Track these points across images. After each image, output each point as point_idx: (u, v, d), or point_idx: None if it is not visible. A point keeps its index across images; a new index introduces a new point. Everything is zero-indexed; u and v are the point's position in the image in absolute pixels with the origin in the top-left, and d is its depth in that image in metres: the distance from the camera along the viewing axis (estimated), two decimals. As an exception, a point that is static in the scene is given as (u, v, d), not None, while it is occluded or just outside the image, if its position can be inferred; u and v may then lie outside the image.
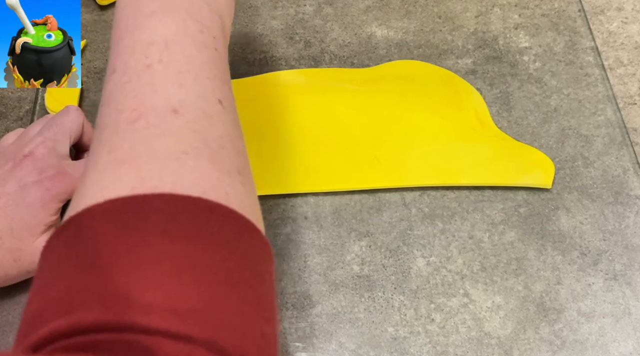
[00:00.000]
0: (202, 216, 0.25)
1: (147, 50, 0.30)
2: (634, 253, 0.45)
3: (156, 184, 0.25)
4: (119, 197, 0.25)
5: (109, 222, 0.25)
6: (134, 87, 0.29)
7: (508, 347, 0.42)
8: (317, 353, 0.42)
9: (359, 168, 0.48)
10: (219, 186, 0.27)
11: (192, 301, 0.23)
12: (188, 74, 0.30)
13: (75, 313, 0.23)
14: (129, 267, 0.23)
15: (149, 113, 0.28)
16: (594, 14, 0.57)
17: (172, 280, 0.23)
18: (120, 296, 0.23)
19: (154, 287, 0.23)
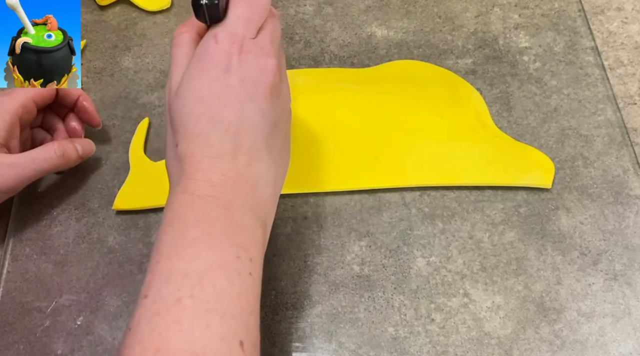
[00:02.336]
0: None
1: (180, 282, 0.31)
2: (634, 253, 0.45)
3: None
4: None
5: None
6: (161, 322, 0.30)
7: (508, 347, 0.42)
8: (317, 353, 0.42)
9: (359, 168, 0.48)
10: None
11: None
12: (215, 312, 0.31)
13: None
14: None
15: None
16: (594, 14, 0.57)
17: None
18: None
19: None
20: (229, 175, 0.34)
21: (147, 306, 0.31)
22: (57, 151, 0.46)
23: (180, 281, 0.31)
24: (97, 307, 0.45)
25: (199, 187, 0.34)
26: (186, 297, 0.30)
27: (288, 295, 0.44)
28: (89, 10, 0.59)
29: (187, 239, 0.32)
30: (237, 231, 0.34)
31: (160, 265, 0.32)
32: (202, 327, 0.30)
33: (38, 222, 0.48)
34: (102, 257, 0.47)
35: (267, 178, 0.36)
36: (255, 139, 0.36)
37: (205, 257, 0.32)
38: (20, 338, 0.44)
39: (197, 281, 0.31)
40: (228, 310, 0.31)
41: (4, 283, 0.46)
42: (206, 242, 0.32)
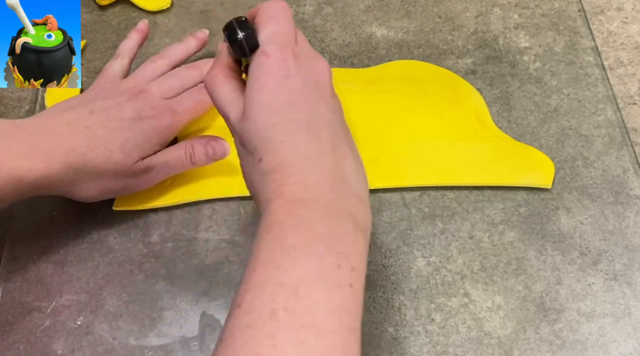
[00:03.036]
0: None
1: (276, 293, 0.29)
2: (634, 253, 0.45)
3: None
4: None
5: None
6: (253, 336, 0.29)
7: (508, 347, 0.42)
8: (317, 353, 0.42)
9: (359, 168, 0.48)
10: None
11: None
12: (311, 328, 0.29)
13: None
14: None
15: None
16: (594, 14, 0.57)
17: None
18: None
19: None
20: (323, 175, 0.33)
21: (240, 317, 0.30)
22: (186, 153, 0.46)
23: (275, 291, 0.30)
24: (97, 307, 0.45)
25: (294, 191, 0.32)
26: (280, 309, 0.29)
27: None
28: (89, 10, 0.59)
29: (284, 247, 0.31)
30: (337, 237, 0.32)
31: (255, 274, 0.30)
32: (296, 345, 0.28)
33: (38, 222, 0.48)
34: (102, 257, 0.47)
35: (357, 174, 0.35)
36: (335, 136, 0.35)
37: (303, 266, 0.30)
38: (20, 338, 0.44)
39: (293, 292, 0.29)
40: (324, 326, 0.29)
41: (4, 283, 0.46)
42: (304, 249, 0.31)
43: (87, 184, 0.43)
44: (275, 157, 0.34)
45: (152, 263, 0.46)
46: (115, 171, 0.43)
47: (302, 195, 0.32)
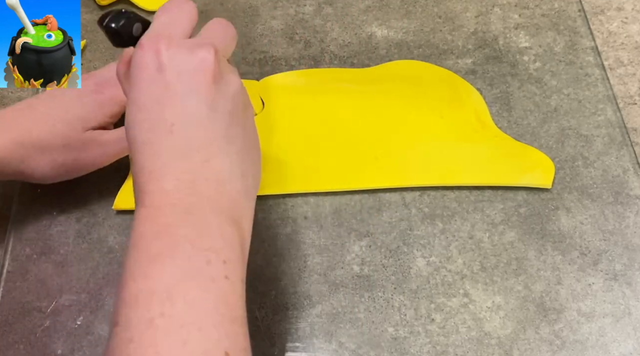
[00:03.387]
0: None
1: (149, 302, 0.29)
2: (634, 253, 0.45)
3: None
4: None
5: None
6: (135, 349, 0.28)
7: (508, 347, 0.42)
8: (317, 353, 0.42)
9: (359, 168, 0.48)
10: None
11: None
12: (192, 326, 0.29)
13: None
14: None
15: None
16: (594, 14, 0.57)
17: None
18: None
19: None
20: (183, 178, 0.32)
21: (119, 335, 0.29)
22: None
23: (148, 301, 0.29)
24: (97, 307, 0.45)
25: (154, 199, 0.32)
26: (157, 317, 0.28)
27: (288, 295, 0.44)
28: (89, 10, 0.59)
29: (149, 255, 0.30)
30: (202, 234, 0.31)
31: (126, 289, 0.30)
32: (180, 344, 0.28)
33: (38, 222, 0.48)
34: (102, 256, 0.47)
35: (231, 172, 0.34)
36: (207, 134, 0.33)
37: (171, 270, 0.30)
38: (20, 338, 0.44)
39: (166, 297, 0.29)
40: (206, 321, 0.29)
41: (4, 283, 0.46)
42: (169, 253, 0.30)
43: (37, 159, 0.44)
44: (139, 160, 0.33)
45: (152, 263, 0.46)
46: (62, 143, 0.44)
47: (160, 201, 0.32)
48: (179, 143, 0.33)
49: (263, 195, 0.48)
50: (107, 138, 0.46)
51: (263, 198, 0.48)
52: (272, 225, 0.47)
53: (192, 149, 0.33)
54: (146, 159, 0.33)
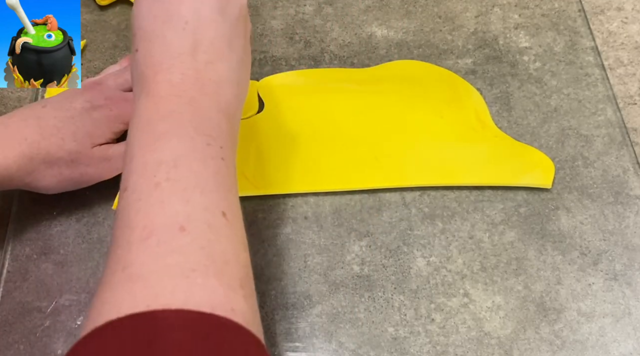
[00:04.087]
0: (215, 332, 0.27)
1: (156, 169, 0.32)
2: (634, 253, 0.45)
3: (169, 301, 0.27)
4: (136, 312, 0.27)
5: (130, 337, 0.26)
6: (144, 205, 0.31)
7: (508, 347, 0.42)
8: (317, 353, 0.42)
9: (359, 168, 0.48)
10: (226, 302, 0.29)
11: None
12: (194, 189, 0.31)
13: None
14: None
15: (158, 231, 0.30)
16: (594, 14, 0.57)
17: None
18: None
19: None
20: (189, 74, 0.34)
21: (128, 198, 0.31)
22: None
23: (156, 169, 0.31)
24: (97, 307, 0.45)
25: (160, 89, 0.34)
26: (163, 181, 0.31)
27: (288, 295, 0.44)
28: (89, 10, 0.59)
29: (156, 134, 0.33)
30: (203, 123, 0.34)
31: (133, 161, 0.32)
32: (183, 203, 0.31)
33: (38, 222, 0.48)
34: (102, 257, 0.47)
35: (229, 77, 0.36)
36: (215, 37, 0.36)
37: (176, 145, 0.32)
38: (20, 338, 0.44)
39: (172, 165, 0.31)
40: (206, 186, 0.32)
41: (4, 283, 0.46)
42: (175, 132, 0.33)
43: (44, 173, 0.44)
44: (146, 49, 0.35)
45: (152, 263, 0.46)
46: (70, 158, 0.44)
47: (166, 92, 0.34)
48: (190, 40, 0.35)
49: (263, 195, 0.48)
50: (113, 152, 0.46)
51: (263, 198, 0.48)
52: (272, 225, 0.47)
53: (199, 49, 0.35)
54: (157, 50, 0.35)
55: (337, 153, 0.49)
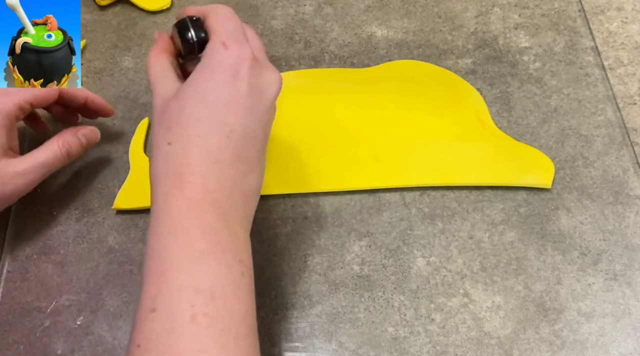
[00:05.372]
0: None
1: (193, 298, 0.30)
2: (634, 253, 0.45)
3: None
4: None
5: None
6: (177, 341, 0.29)
7: (508, 347, 0.42)
8: (317, 353, 0.42)
9: (359, 168, 0.48)
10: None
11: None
12: (229, 332, 0.30)
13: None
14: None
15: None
16: (594, 14, 0.57)
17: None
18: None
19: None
20: (226, 184, 0.34)
21: (158, 322, 0.30)
22: (61, 149, 0.46)
23: (193, 297, 0.30)
24: (97, 307, 0.45)
25: (195, 192, 0.33)
26: (200, 315, 0.30)
27: (288, 295, 0.44)
28: (89, 10, 0.59)
29: (195, 252, 0.32)
30: (238, 246, 0.33)
31: (167, 278, 0.31)
32: (219, 348, 0.30)
33: (38, 222, 0.48)
34: (102, 257, 0.47)
35: (257, 189, 0.37)
36: (253, 150, 0.35)
37: (215, 273, 0.31)
38: (20, 338, 0.44)
39: (210, 298, 0.30)
40: (240, 330, 0.31)
41: (4, 283, 0.46)
42: (213, 256, 0.32)
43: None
44: (185, 148, 0.34)
45: (152, 263, 0.46)
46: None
47: (201, 197, 0.33)
48: (232, 150, 0.34)
49: (263, 195, 0.48)
50: (25, 167, 0.44)
51: (263, 198, 0.48)
52: (272, 225, 0.47)
53: (239, 159, 0.35)
54: (196, 152, 0.34)
55: (337, 153, 0.49)
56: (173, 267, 0.31)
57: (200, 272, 0.31)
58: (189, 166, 0.33)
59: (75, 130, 0.47)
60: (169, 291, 0.31)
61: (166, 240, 0.32)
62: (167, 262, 0.31)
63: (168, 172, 0.34)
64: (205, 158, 0.34)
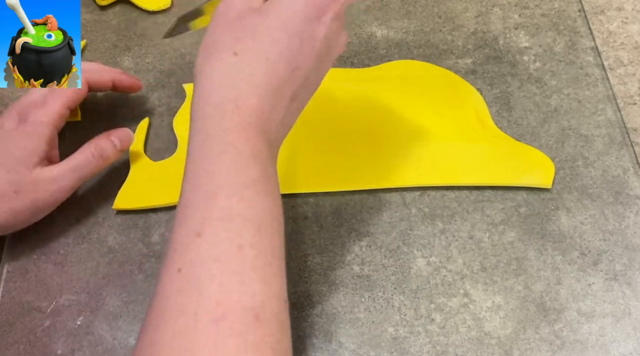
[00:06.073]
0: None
1: (242, 227, 0.29)
2: (634, 253, 0.45)
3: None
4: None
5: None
6: (221, 269, 0.28)
7: (508, 347, 0.42)
8: (317, 353, 0.42)
9: (359, 168, 0.48)
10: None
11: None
12: (272, 267, 0.30)
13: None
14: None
15: (233, 315, 0.28)
16: (594, 14, 0.57)
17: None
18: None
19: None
20: (277, 116, 0.34)
21: (203, 248, 0.29)
22: (94, 153, 0.46)
23: (242, 227, 0.29)
24: (97, 307, 0.45)
25: (252, 113, 0.32)
26: (247, 246, 0.29)
27: (288, 295, 0.44)
28: (89, 10, 0.59)
29: (247, 178, 0.31)
30: (276, 177, 0.33)
31: (217, 202, 0.30)
32: (262, 282, 0.29)
33: (38, 222, 0.48)
34: (102, 257, 0.47)
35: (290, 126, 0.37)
36: (306, 95, 0.36)
37: (263, 204, 0.31)
38: (20, 338, 0.44)
39: (257, 229, 0.30)
40: (278, 267, 0.31)
41: (4, 283, 0.46)
42: (262, 186, 0.31)
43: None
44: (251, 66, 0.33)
45: (152, 263, 0.46)
46: (13, 190, 0.43)
47: (255, 120, 0.32)
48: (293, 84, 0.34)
49: (263, 195, 0.48)
50: (57, 173, 0.44)
51: (263, 198, 0.48)
52: (272, 225, 0.47)
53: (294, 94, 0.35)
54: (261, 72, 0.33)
55: (338, 153, 0.49)
56: (224, 191, 0.30)
57: (251, 200, 0.30)
58: (251, 84, 0.32)
59: (109, 133, 0.47)
60: (218, 217, 0.29)
61: (218, 159, 0.31)
62: (219, 184, 0.30)
63: (227, 82, 0.33)
64: (267, 83, 0.33)
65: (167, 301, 0.29)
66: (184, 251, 0.29)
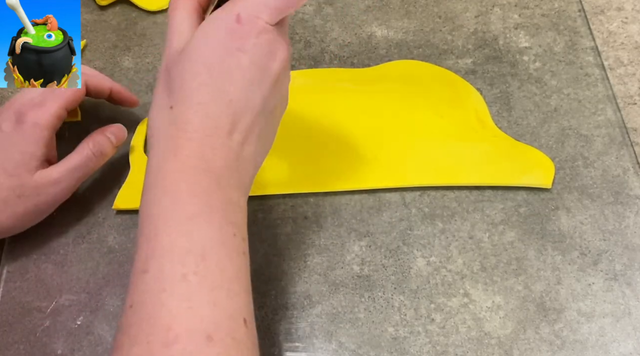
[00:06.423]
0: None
1: (184, 258, 0.31)
2: (634, 253, 0.45)
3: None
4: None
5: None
6: (168, 299, 0.30)
7: (508, 347, 0.42)
8: (317, 353, 0.42)
9: (359, 168, 0.48)
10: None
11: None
12: (221, 290, 0.31)
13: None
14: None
15: (184, 338, 0.29)
16: (594, 14, 0.57)
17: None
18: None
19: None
20: (221, 150, 0.34)
21: (149, 283, 0.30)
22: (93, 150, 0.46)
23: (184, 257, 0.31)
24: (97, 307, 0.45)
25: (191, 157, 0.33)
26: (191, 274, 0.30)
27: (288, 295, 0.44)
28: (89, 10, 0.59)
29: (186, 214, 0.32)
30: (229, 208, 0.34)
31: (159, 240, 0.31)
32: (210, 306, 0.30)
33: (38, 222, 0.48)
34: (102, 257, 0.47)
35: (253, 162, 0.37)
36: (252, 122, 0.35)
37: (206, 233, 0.32)
38: (20, 338, 0.44)
39: (201, 258, 0.31)
40: (231, 288, 0.31)
41: (4, 283, 0.46)
42: (205, 218, 0.32)
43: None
44: (185, 113, 0.34)
45: (152, 263, 0.46)
46: (16, 194, 0.43)
47: (198, 163, 0.33)
48: (230, 119, 0.34)
49: (263, 195, 0.48)
50: (58, 175, 0.44)
51: (263, 198, 0.48)
52: (272, 225, 0.47)
53: (237, 129, 0.35)
54: (196, 118, 0.34)
55: (337, 153, 0.49)
56: (164, 230, 0.32)
57: (191, 233, 0.32)
58: (187, 131, 0.34)
59: (104, 129, 0.48)
60: (160, 253, 0.31)
61: (158, 203, 0.33)
62: (159, 224, 0.32)
63: (165, 136, 0.34)
64: (203, 124, 0.34)
65: (122, 335, 0.30)
66: (134, 289, 0.31)
